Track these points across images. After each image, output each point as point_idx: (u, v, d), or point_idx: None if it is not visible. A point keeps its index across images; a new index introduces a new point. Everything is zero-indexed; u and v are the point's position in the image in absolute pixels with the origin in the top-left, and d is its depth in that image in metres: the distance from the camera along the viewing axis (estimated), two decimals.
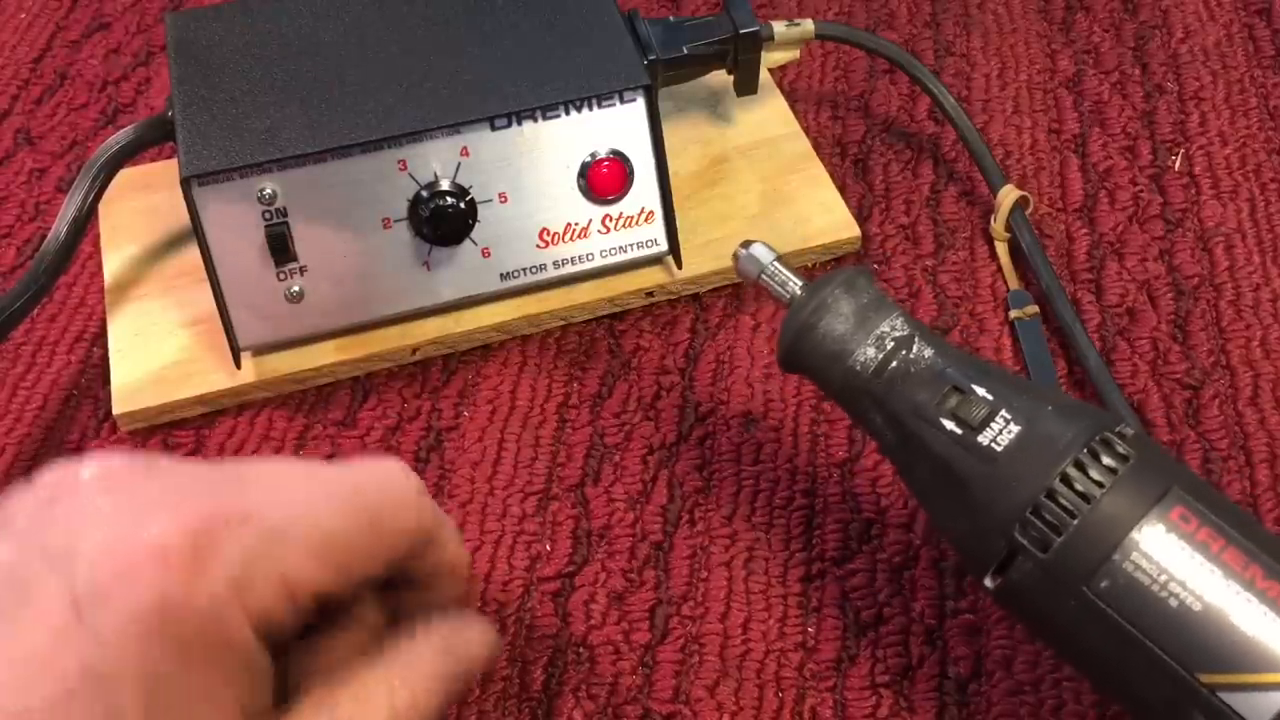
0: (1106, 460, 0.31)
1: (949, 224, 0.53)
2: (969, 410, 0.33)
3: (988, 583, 0.33)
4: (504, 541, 0.43)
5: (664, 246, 0.49)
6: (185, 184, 0.43)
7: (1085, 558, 0.30)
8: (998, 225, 0.51)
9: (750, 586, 0.42)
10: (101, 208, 0.51)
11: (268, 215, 0.44)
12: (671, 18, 0.51)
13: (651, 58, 0.49)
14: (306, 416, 0.47)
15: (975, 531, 0.32)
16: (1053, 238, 0.52)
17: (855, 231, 0.51)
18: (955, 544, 0.34)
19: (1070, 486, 0.31)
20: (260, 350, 0.47)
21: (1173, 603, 0.30)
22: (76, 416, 0.47)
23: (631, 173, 0.47)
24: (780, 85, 0.58)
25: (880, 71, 0.59)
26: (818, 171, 0.53)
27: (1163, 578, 0.30)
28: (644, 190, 0.47)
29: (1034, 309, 0.49)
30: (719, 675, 0.40)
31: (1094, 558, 0.30)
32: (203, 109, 0.44)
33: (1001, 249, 0.51)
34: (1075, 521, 0.31)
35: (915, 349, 0.35)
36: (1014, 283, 0.50)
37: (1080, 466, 0.31)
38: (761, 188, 0.53)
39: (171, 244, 0.51)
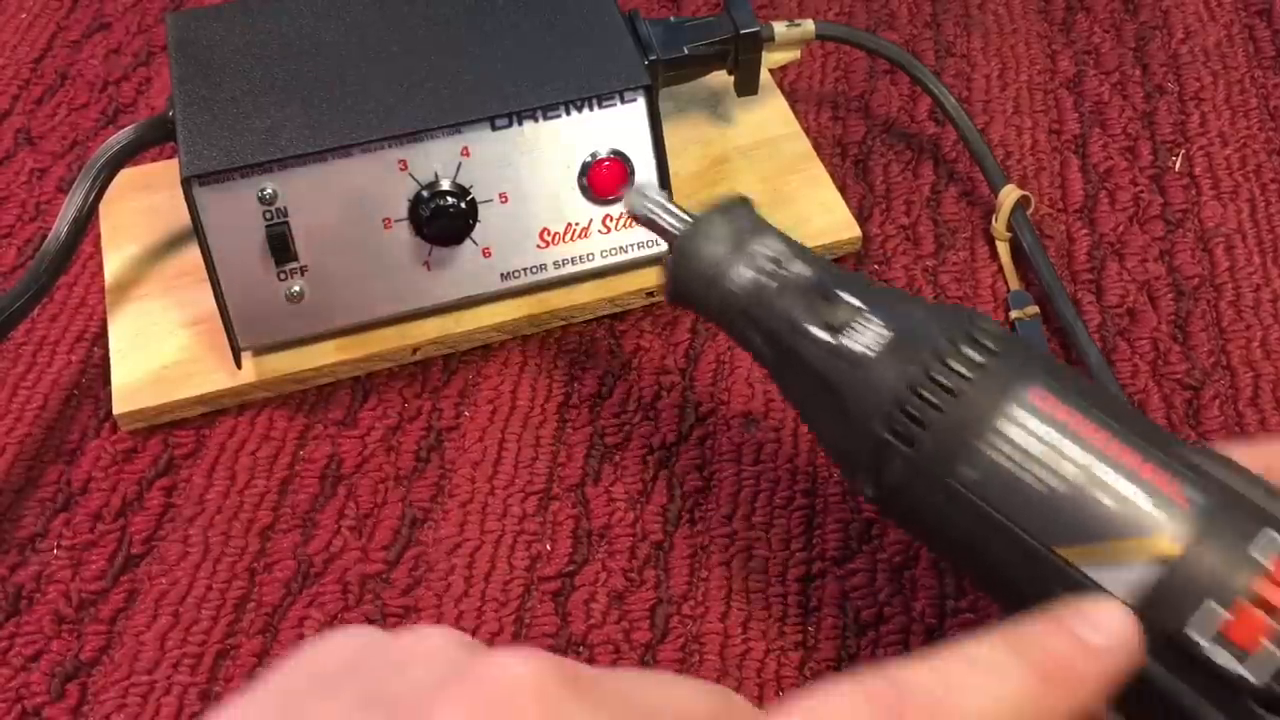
0: (970, 353, 0.31)
1: (949, 224, 0.53)
2: (837, 316, 0.32)
3: (867, 491, 0.32)
4: (504, 541, 0.43)
5: (665, 246, 0.49)
6: (186, 184, 0.43)
7: (950, 449, 0.30)
8: (999, 225, 0.51)
9: (750, 586, 0.42)
10: (102, 208, 0.51)
11: (268, 215, 0.44)
12: (672, 18, 0.51)
13: (652, 58, 0.49)
14: (307, 416, 0.47)
15: (850, 437, 0.32)
16: (1053, 238, 0.52)
17: (856, 232, 0.51)
18: (835, 457, 0.34)
19: (935, 381, 0.31)
20: (260, 350, 0.47)
21: (1033, 482, 0.29)
22: (77, 416, 0.47)
23: (632, 173, 0.47)
24: (781, 86, 0.58)
25: (881, 72, 0.59)
26: (818, 172, 0.53)
27: (1022, 458, 0.29)
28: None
29: (1034, 309, 0.49)
30: (719, 674, 0.40)
31: (958, 447, 0.30)
32: (203, 109, 0.44)
33: (1003, 249, 0.51)
34: (939, 414, 0.30)
35: (789, 266, 0.34)
36: (1014, 283, 0.50)
37: (944, 361, 0.31)
38: (762, 188, 0.53)
39: (172, 244, 0.51)
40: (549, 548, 0.43)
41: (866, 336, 0.32)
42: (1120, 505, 0.29)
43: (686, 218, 0.37)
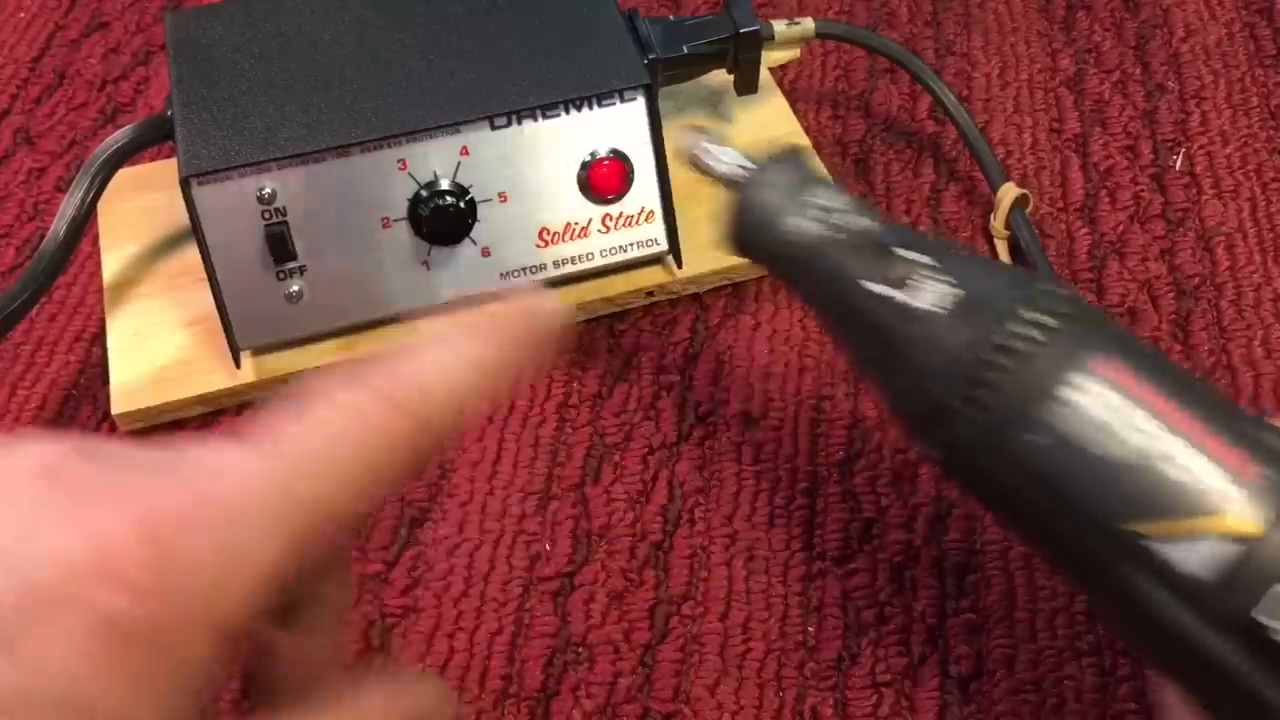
0: (1041, 317, 0.30)
1: (950, 223, 0.53)
2: (901, 273, 0.32)
3: (928, 449, 0.32)
4: (504, 541, 0.43)
5: (664, 246, 0.49)
6: (184, 183, 0.42)
7: (1017, 411, 0.29)
8: (997, 223, 0.51)
9: (750, 586, 0.42)
10: (100, 207, 0.51)
11: (267, 215, 0.44)
12: (672, 17, 0.51)
13: (652, 57, 0.49)
14: None
15: (913, 395, 0.32)
16: (1054, 237, 0.52)
17: None
18: (896, 413, 0.33)
19: (1004, 342, 0.30)
20: (260, 350, 0.47)
21: (1101, 451, 0.29)
22: (76, 416, 0.47)
23: (631, 172, 0.47)
24: (781, 84, 0.58)
25: (881, 70, 0.59)
26: (818, 171, 0.53)
27: (1091, 428, 0.29)
28: (644, 190, 0.47)
29: None
30: (719, 675, 0.40)
31: (1026, 410, 0.29)
32: (202, 108, 0.44)
33: (1001, 247, 0.51)
34: (1008, 376, 0.30)
35: (850, 218, 0.34)
36: None
37: (1015, 323, 0.30)
38: None
39: (171, 243, 0.51)
40: (548, 548, 0.43)
41: (932, 294, 0.31)
42: (1189, 479, 0.28)
43: (749, 164, 0.36)
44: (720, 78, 0.53)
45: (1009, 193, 0.51)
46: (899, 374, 0.32)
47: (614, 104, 0.46)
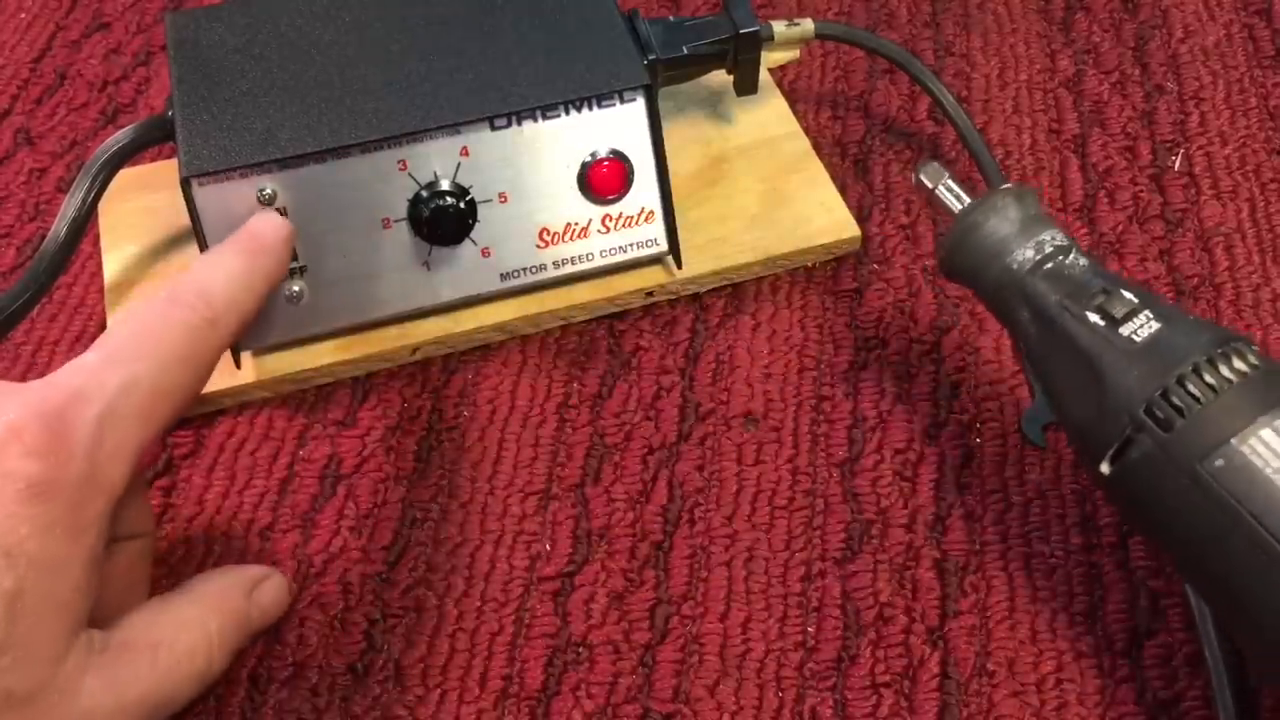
0: (1237, 363, 0.33)
1: (949, 224, 0.53)
2: (1114, 306, 0.36)
3: (1103, 468, 0.35)
4: (504, 541, 0.43)
5: (664, 246, 0.49)
6: (185, 184, 0.43)
7: (1205, 439, 0.32)
8: None
9: (750, 586, 0.42)
10: (101, 207, 0.51)
11: None
12: (671, 17, 0.51)
13: (651, 57, 0.49)
14: (306, 416, 0.47)
15: (1102, 414, 0.35)
16: None
17: (855, 231, 0.51)
18: (1077, 430, 0.36)
19: (1201, 377, 0.33)
20: (260, 350, 0.47)
21: None
22: None
23: (631, 172, 0.47)
24: (780, 85, 0.58)
25: (880, 71, 0.59)
26: (818, 171, 0.53)
27: (1277, 463, 0.31)
28: (644, 190, 0.47)
29: None
30: (719, 675, 0.40)
31: (1213, 440, 0.32)
32: (202, 109, 0.44)
33: None
34: (1201, 406, 0.33)
35: (1072, 256, 0.38)
36: None
37: (1213, 362, 0.33)
38: (761, 188, 0.53)
39: (171, 244, 0.51)
40: (549, 548, 0.43)
41: (1140, 330, 0.35)
42: None
43: (966, 197, 0.41)
44: (720, 78, 0.53)
45: None
46: (1092, 397, 0.35)
47: (614, 104, 0.46)
